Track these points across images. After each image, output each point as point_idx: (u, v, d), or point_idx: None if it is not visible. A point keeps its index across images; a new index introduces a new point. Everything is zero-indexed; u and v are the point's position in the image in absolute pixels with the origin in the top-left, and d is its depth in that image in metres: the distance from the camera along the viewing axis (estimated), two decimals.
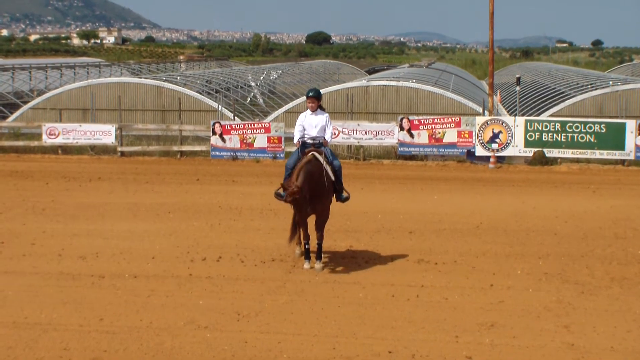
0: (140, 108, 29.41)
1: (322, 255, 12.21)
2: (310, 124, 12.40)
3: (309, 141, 12.31)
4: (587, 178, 22.14)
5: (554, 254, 13.12)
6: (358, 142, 25.25)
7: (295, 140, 12.44)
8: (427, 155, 25.11)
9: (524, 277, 11.74)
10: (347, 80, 44.49)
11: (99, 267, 12.19)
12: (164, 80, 31.14)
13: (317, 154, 11.99)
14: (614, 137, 23.78)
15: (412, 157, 25.23)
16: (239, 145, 25.38)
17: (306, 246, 12.24)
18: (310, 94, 12.48)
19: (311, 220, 12.17)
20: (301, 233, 12.35)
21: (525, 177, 22.27)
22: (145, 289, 11.01)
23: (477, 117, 24.82)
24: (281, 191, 12.07)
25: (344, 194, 12.39)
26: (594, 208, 17.34)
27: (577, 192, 19.75)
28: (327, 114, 12.64)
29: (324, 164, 11.94)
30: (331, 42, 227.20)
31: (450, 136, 24.54)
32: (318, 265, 12.06)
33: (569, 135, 23.93)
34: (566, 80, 36.35)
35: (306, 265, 12.16)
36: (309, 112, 12.48)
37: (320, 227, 12.15)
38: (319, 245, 12.13)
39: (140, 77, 35.62)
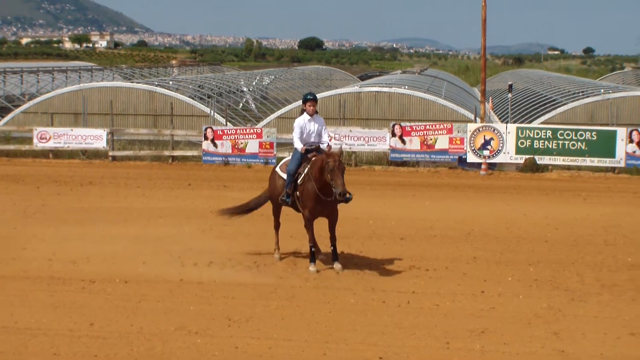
0: (132, 113, 29.37)
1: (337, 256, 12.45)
2: (311, 129, 12.44)
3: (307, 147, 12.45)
4: (578, 185, 22.22)
5: (545, 260, 13.17)
6: (350, 148, 25.27)
7: (300, 146, 12.41)
8: (419, 161, 25.16)
9: (515, 283, 11.77)
10: (340, 86, 44.52)
11: (89, 271, 12.16)
12: (156, 85, 31.10)
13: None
14: (605, 145, 23.89)
15: (403, 164, 25.27)
16: (230, 151, 25.39)
17: (312, 249, 12.40)
18: (310, 97, 12.52)
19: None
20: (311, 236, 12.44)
21: (516, 184, 22.34)
22: (136, 294, 10.99)
23: (468, 124, 24.90)
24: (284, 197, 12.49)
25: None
26: (584, 215, 17.41)
27: (568, 199, 19.81)
28: (322, 118, 12.74)
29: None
30: (324, 47, 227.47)
31: (442, 143, 24.59)
32: (337, 265, 12.30)
33: (560, 142, 24.02)
34: (558, 88, 36.45)
35: (312, 268, 12.25)
36: (306, 116, 12.48)
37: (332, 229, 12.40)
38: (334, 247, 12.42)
39: (133, 82, 35.61)
